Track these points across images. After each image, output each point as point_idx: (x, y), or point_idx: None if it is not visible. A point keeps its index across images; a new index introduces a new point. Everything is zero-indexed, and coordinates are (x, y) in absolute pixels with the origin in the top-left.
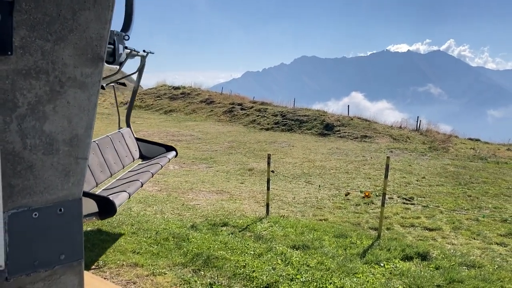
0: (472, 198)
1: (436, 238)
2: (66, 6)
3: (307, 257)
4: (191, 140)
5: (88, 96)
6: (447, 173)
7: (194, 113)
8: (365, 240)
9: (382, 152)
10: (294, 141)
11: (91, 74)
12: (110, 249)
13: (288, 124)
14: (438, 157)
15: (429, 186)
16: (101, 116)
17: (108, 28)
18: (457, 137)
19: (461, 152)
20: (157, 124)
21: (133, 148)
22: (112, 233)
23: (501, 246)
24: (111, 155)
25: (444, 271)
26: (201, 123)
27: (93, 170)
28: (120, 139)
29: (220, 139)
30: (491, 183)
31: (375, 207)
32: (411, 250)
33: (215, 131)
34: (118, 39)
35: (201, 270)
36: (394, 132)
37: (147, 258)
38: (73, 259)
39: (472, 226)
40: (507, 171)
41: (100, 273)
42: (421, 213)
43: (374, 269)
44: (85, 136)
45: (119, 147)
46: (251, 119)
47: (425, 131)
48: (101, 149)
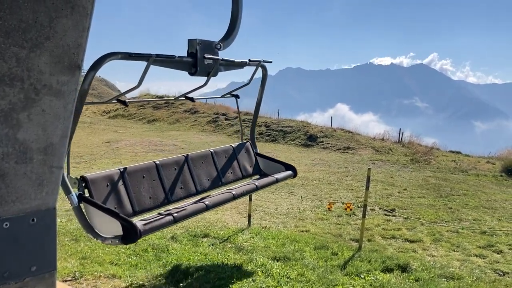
0: (453, 210)
1: (417, 250)
2: (43, 13)
3: (288, 269)
4: (174, 150)
5: (64, 104)
6: (428, 185)
7: (178, 122)
8: (346, 251)
9: (365, 164)
10: (278, 151)
11: (68, 82)
12: (87, 259)
13: (272, 135)
14: (419, 169)
15: (410, 198)
16: (82, 125)
17: (86, 36)
18: (439, 149)
19: (442, 164)
20: (140, 134)
21: (251, 163)
22: (90, 244)
23: (480, 258)
24: (225, 166)
25: (424, 283)
26: (185, 133)
27: (200, 178)
28: (239, 151)
29: (204, 148)
30: (471, 196)
31: (356, 219)
32: (391, 262)
33: (198, 140)
34: (203, 48)
35: (180, 282)
36: (376, 144)
37: (126, 270)
38: (45, 271)
39: (452, 238)
40: (487, 183)
41: (76, 285)
42: (402, 225)
43: (354, 281)
44: (61, 144)
45: (235, 160)
46: (235, 129)
47: (407, 143)
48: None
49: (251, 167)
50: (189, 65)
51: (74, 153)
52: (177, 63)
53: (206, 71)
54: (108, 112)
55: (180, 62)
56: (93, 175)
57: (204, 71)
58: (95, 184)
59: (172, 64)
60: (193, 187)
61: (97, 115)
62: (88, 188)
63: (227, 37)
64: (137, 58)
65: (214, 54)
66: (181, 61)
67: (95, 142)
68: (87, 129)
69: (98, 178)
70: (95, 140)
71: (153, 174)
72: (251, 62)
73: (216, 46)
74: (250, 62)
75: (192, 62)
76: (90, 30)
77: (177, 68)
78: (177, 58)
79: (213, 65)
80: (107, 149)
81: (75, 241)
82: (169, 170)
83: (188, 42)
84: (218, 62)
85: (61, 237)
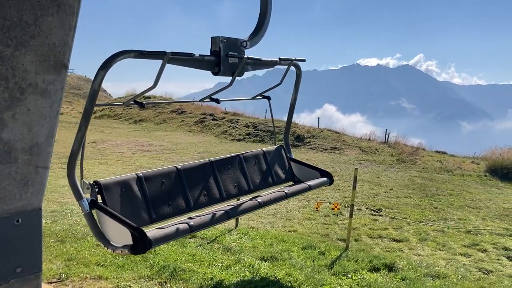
0: (438, 210)
1: (403, 249)
2: (28, 11)
3: (275, 269)
4: (160, 150)
5: (50, 104)
6: (414, 185)
7: (165, 123)
8: (333, 251)
9: (351, 164)
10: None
11: (54, 81)
12: (73, 261)
13: (259, 135)
14: (405, 169)
15: (396, 197)
16: (68, 125)
17: (72, 34)
18: (424, 149)
19: (428, 164)
20: (126, 134)
21: (284, 169)
22: (76, 245)
23: (465, 256)
24: (254, 171)
25: (410, 282)
26: (172, 133)
27: (225, 184)
28: (271, 156)
29: (191, 149)
30: (456, 195)
31: (343, 218)
32: (378, 261)
33: (185, 141)
34: (227, 46)
35: (167, 283)
36: (363, 144)
37: (112, 271)
38: (30, 272)
39: (437, 237)
40: (471, 183)
41: (62, 287)
42: (389, 225)
43: (341, 280)
44: (46, 144)
45: (266, 165)
46: (222, 129)
47: (393, 143)
48: (245, 164)
49: (284, 173)
50: (211, 64)
51: (60, 154)
52: (198, 62)
53: (231, 71)
54: (94, 112)
55: (201, 61)
56: (107, 180)
57: (229, 71)
58: (109, 189)
59: (192, 62)
60: (218, 194)
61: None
62: (102, 193)
63: (255, 34)
64: (151, 56)
65: (240, 52)
66: (203, 60)
67: None
68: (73, 129)
69: (112, 183)
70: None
71: (174, 180)
72: (282, 61)
73: (242, 44)
74: (280, 61)
75: (215, 61)
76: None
77: (198, 67)
78: (198, 56)
79: (238, 64)
80: (93, 149)
81: (60, 243)
82: (192, 175)
83: (211, 40)
84: (243, 61)
85: (46, 239)
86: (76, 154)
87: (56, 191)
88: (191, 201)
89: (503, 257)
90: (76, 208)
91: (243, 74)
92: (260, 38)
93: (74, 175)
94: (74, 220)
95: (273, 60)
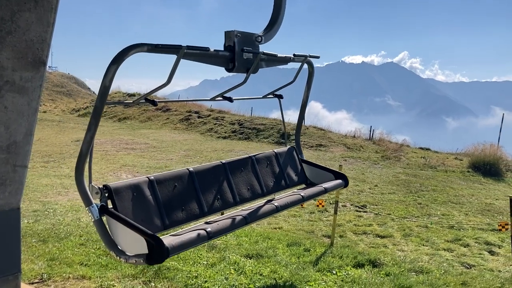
0: (422, 206)
1: (387, 245)
2: (4, 7)
3: (261, 266)
4: (145, 148)
5: (28, 101)
6: (398, 181)
7: (150, 120)
8: (318, 248)
9: (336, 161)
10: (251, 149)
11: (32, 79)
12: (55, 261)
13: (245, 133)
14: (390, 166)
15: (381, 194)
16: (51, 124)
17: (51, 31)
18: (408, 146)
19: (412, 161)
20: (110, 132)
21: (296, 171)
22: (59, 244)
23: (448, 251)
24: (267, 174)
25: (394, 278)
26: (157, 131)
27: (238, 188)
28: (283, 158)
29: (176, 147)
30: (440, 191)
31: (328, 215)
32: (362, 257)
33: (170, 139)
34: (242, 41)
35: (151, 282)
36: (348, 141)
37: (95, 270)
38: (8, 273)
39: (421, 233)
40: (455, 179)
41: (43, 287)
42: (373, 221)
43: (326, 276)
44: (25, 142)
45: (278, 167)
46: (208, 127)
47: (378, 140)
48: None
49: (296, 175)
50: (225, 60)
51: (42, 152)
52: (212, 57)
53: (245, 67)
54: (78, 110)
55: (215, 57)
56: (118, 184)
57: (243, 67)
58: (120, 194)
59: (206, 58)
60: (231, 197)
61: (66, 113)
62: (112, 198)
63: (269, 28)
64: (165, 50)
65: (255, 48)
66: (217, 55)
67: (64, 141)
68: (56, 127)
69: (123, 187)
70: (64, 139)
71: (186, 183)
72: (296, 58)
73: (257, 39)
74: (294, 58)
75: (230, 57)
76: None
77: (212, 63)
78: (212, 51)
79: (253, 60)
80: (77, 148)
81: (42, 242)
82: (204, 178)
83: (225, 34)
84: (259, 57)
85: (28, 238)
86: (84, 156)
87: (38, 190)
88: (204, 206)
89: (484, 251)
90: (59, 208)
91: (257, 70)
92: (275, 33)
93: (82, 179)
94: (57, 219)
95: (287, 57)
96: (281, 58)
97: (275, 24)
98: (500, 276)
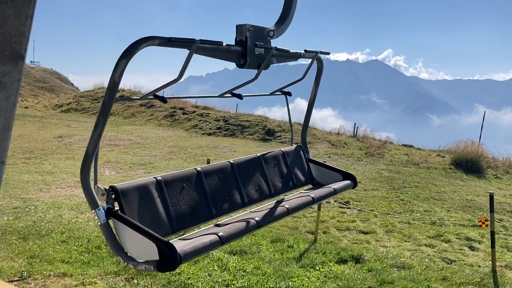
0: (405, 202)
1: (370, 241)
2: None
3: (244, 262)
4: (129, 144)
5: (5, 96)
6: (381, 178)
7: (133, 117)
8: (302, 244)
9: (321, 157)
10: (236, 146)
11: (10, 73)
12: (36, 258)
13: (230, 129)
14: (373, 163)
15: (364, 190)
16: (33, 119)
17: (29, 24)
18: (392, 143)
19: (395, 158)
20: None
21: (303, 171)
22: (40, 242)
23: (430, 247)
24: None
25: (376, 273)
26: (141, 127)
27: (247, 189)
28: (290, 157)
29: (160, 144)
30: (422, 188)
31: (312, 211)
32: (345, 253)
33: (155, 135)
34: (254, 35)
35: (134, 279)
36: (332, 138)
37: (77, 268)
38: None
39: (404, 229)
40: (437, 176)
41: (23, 285)
42: (357, 217)
43: (309, 272)
44: (2, 138)
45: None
46: (193, 123)
47: (362, 137)
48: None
49: (304, 175)
50: (237, 55)
51: (24, 148)
52: (224, 52)
53: (257, 63)
54: (61, 106)
55: (227, 52)
56: (125, 185)
57: (255, 63)
58: (127, 195)
59: (218, 53)
60: (239, 199)
61: (48, 109)
62: (119, 200)
63: (281, 22)
64: (178, 44)
65: (267, 42)
66: (229, 50)
67: (47, 137)
68: (38, 123)
69: (130, 188)
70: (46, 135)
71: (195, 184)
72: (307, 54)
73: (269, 33)
74: (305, 54)
75: (241, 52)
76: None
77: (224, 58)
78: (225, 46)
79: (264, 56)
80: (59, 144)
81: (23, 240)
82: (213, 179)
83: (237, 28)
84: (271, 53)
85: (7, 236)
86: (91, 156)
87: (19, 186)
88: (213, 208)
89: (465, 247)
90: (40, 204)
91: (269, 66)
92: (286, 27)
93: (88, 180)
94: (38, 216)
95: (298, 52)
96: (293, 54)
97: (287, 18)
98: (479, 271)
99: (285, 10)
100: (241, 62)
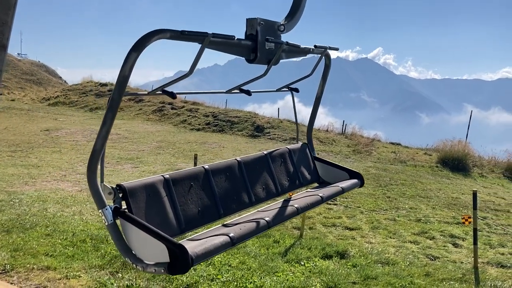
0: (391, 199)
1: (356, 237)
2: None
3: (230, 257)
4: (117, 139)
5: None
6: (369, 175)
7: (122, 111)
8: (288, 239)
9: None
10: (225, 142)
11: None
12: (19, 251)
13: (219, 125)
14: (361, 160)
15: None
16: (20, 112)
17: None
18: (380, 141)
19: (382, 155)
20: (81, 122)
21: (309, 169)
22: (23, 235)
23: (414, 244)
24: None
25: (360, 269)
26: (129, 122)
27: (254, 187)
28: (296, 155)
29: (148, 138)
30: (409, 185)
31: None
32: (331, 249)
33: (143, 130)
34: (264, 29)
35: (118, 272)
36: (321, 135)
37: (61, 261)
38: None
39: (389, 225)
40: (423, 174)
41: (6, 278)
42: (343, 213)
43: (294, 267)
44: None
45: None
46: (181, 119)
47: (350, 134)
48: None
49: (310, 173)
50: (248, 50)
51: (10, 141)
52: (235, 47)
53: (267, 58)
54: (48, 99)
55: (238, 46)
56: (132, 184)
57: (265, 58)
58: (135, 194)
59: (229, 47)
60: (247, 198)
61: (35, 102)
62: (126, 199)
63: (291, 16)
64: (190, 37)
65: (277, 37)
66: (240, 45)
67: (33, 130)
68: (24, 116)
69: (138, 187)
70: (33, 128)
71: (202, 182)
72: (316, 49)
73: (279, 27)
74: (314, 49)
75: (252, 46)
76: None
77: (234, 53)
78: (236, 40)
79: (274, 51)
80: (46, 137)
81: (6, 233)
82: (220, 177)
83: (247, 21)
84: (281, 48)
85: None
86: (98, 153)
87: (4, 179)
88: (220, 207)
89: (449, 244)
90: (25, 198)
91: (278, 62)
92: (296, 21)
93: (95, 179)
94: (23, 209)
95: (307, 48)
96: (302, 49)
97: (297, 11)
98: (462, 267)
99: (295, 4)
100: (251, 57)
